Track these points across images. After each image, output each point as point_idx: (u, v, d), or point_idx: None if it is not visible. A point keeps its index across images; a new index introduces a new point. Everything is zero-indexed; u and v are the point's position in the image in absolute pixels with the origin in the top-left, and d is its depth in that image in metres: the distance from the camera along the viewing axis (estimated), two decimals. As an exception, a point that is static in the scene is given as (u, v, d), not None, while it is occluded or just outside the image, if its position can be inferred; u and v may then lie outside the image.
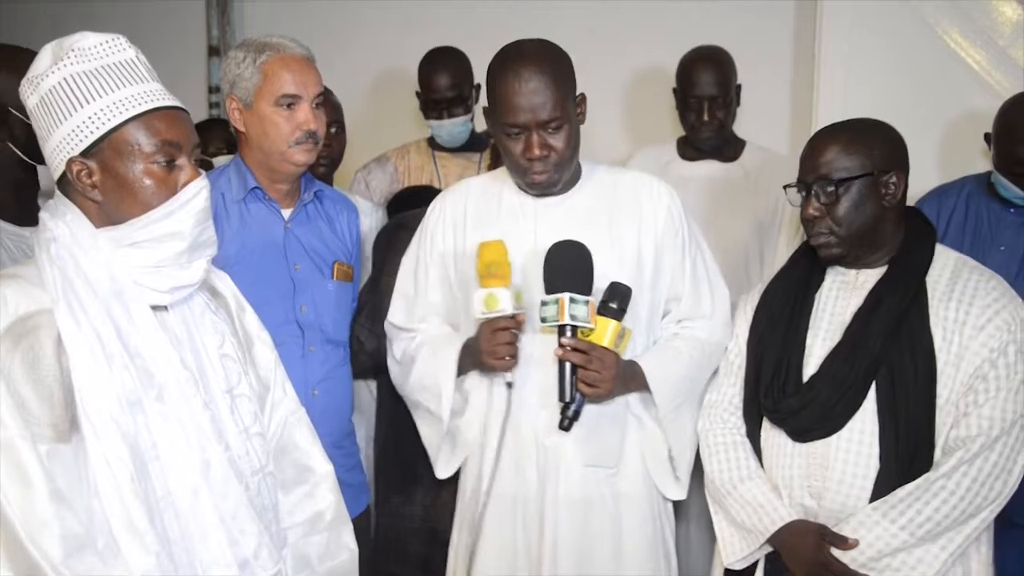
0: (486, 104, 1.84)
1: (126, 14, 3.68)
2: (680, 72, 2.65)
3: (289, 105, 1.85)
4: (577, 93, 1.83)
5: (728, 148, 2.70)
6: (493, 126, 1.82)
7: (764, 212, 2.63)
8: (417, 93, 2.86)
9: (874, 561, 1.61)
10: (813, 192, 1.68)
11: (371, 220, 2.51)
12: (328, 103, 2.43)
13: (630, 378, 1.80)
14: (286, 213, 1.95)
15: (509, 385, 1.79)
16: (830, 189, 1.66)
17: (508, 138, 1.78)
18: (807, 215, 1.69)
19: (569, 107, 1.78)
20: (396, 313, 2.00)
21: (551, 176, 1.80)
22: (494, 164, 2.60)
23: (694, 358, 1.88)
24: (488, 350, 1.77)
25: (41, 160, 1.63)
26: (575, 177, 1.90)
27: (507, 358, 1.76)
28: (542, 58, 1.76)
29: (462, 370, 1.88)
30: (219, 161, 2.65)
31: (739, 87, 2.65)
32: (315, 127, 1.88)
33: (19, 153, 1.71)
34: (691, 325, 1.93)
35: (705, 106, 2.58)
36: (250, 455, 1.39)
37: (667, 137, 2.83)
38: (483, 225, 1.90)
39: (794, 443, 1.71)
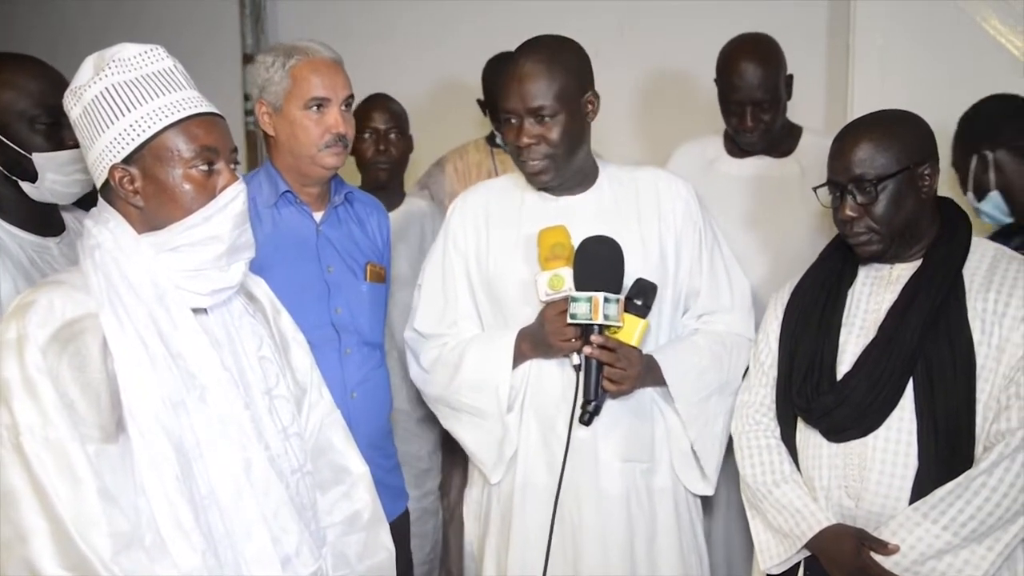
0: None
1: (162, 22, 3.75)
2: (720, 67, 2.34)
3: (318, 108, 1.86)
4: (588, 92, 1.83)
5: (782, 141, 2.38)
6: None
7: (822, 211, 2.29)
8: (479, 101, 2.85)
9: (918, 564, 1.57)
10: (849, 192, 1.63)
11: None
12: (386, 109, 2.54)
13: (647, 373, 1.81)
14: (317, 216, 1.97)
15: (576, 368, 1.76)
16: (868, 189, 1.61)
17: (506, 126, 1.81)
18: (844, 217, 1.65)
19: (568, 99, 1.78)
20: (424, 320, 1.98)
21: (543, 166, 1.80)
22: None
23: (714, 351, 1.89)
24: (554, 331, 1.75)
25: (24, 176, 1.67)
26: (593, 176, 1.91)
27: (573, 339, 1.74)
28: (543, 48, 1.80)
29: (517, 360, 1.86)
30: None
31: (790, 77, 2.35)
32: (344, 130, 1.88)
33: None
34: (711, 319, 1.95)
35: (748, 112, 2.27)
36: (289, 455, 1.41)
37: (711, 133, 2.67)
38: (505, 225, 1.92)
39: (830, 443, 1.69)
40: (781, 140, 2.38)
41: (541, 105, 1.76)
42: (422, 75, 3.41)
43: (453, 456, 2.55)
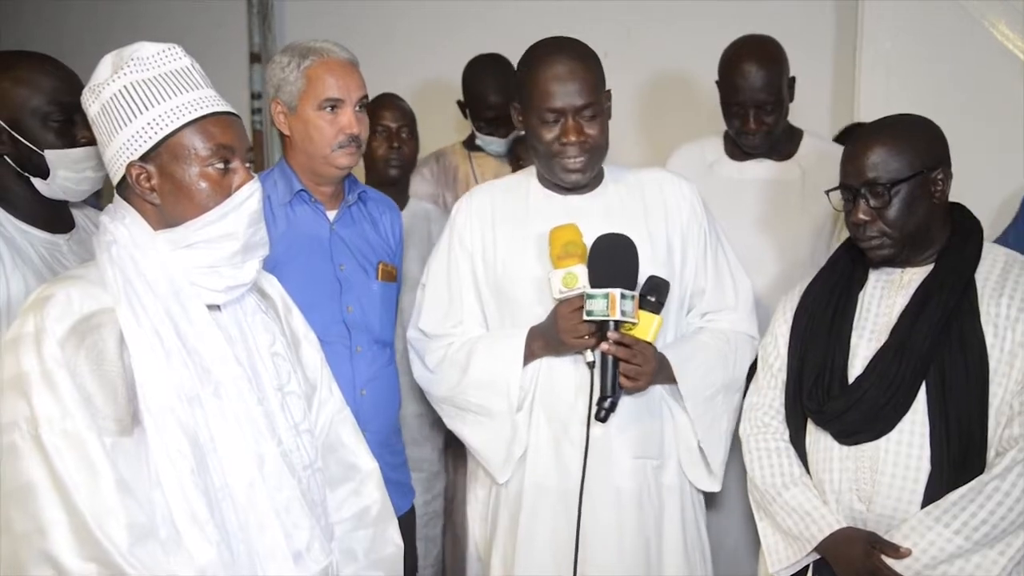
0: (516, 104, 1.87)
1: (169, 21, 3.77)
2: (722, 70, 2.33)
3: (332, 108, 1.88)
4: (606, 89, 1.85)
5: (783, 144, 2.37)
6: (527, 117, 1.84)
7: (823, 215, 2.29)
8: (459, 102, 2.85)
9: (929, 569, 1.57)
10: (862, 196, 1.64)
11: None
12: (397, 108, 2.55)
13: (659, 370, 1.82)
14: (331, 215, 1.98)
15: (591, 365, 1.76)
16: (881, 192, 1.62)
17: (544, 125, 1.80)
18: (857, 220, 1.65)
19: (602, 96, 1.81)
20: (429, 320, 1.98)
21: (585, 163, 1.81)
22: (515, 167, 2.63)
23: (720, 350, 1.91)
24: (568, 328, 1.75)
25: (36, 172, 1.68)
26: (599, 176, 1.93)
27: (586, 336, 1.74)
28: (575, 47, 1.82)
29: (528, 359, 1.86)
30: None
31: (792, 80, 2.33)
32: (357, 131, 1.90)
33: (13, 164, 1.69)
34: (715, 318, 1.97)
35: (751, 114, 2.26)
36: (300, 450, 1.42)
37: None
38: (512, 223, 1.92)
39: (841, 446, 1.69)
40: (782, 143, 2.37)
41: (590, 102, 1.77)
42: (425, 77, 3.42)
43: (457, 458, 2.55)
